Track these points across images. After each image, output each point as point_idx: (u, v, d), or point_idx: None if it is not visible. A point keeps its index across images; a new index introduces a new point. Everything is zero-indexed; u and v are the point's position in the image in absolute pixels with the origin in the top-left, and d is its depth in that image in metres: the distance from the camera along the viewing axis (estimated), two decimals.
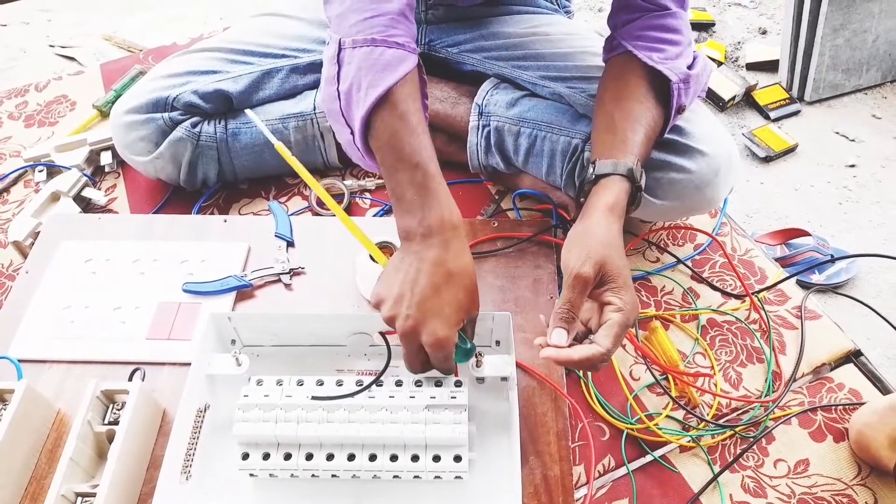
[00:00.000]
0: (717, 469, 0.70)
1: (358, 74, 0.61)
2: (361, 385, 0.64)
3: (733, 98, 1.71)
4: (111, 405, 0.68)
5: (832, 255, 1.28)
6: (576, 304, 0.60)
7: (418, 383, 0.65)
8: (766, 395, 0.75)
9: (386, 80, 0.59)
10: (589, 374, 0.76)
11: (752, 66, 1.84)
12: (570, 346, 0.60)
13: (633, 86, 0.72)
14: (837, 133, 1.64)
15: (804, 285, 1.19)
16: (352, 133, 0.63)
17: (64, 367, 0.75)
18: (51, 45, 1.99)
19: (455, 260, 0.60)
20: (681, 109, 0.74)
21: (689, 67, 0.74)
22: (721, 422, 0.73)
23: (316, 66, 0.96)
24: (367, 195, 0.96)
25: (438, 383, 0.65)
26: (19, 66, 1.92)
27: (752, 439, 0.72)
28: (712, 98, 1.75)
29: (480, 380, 0.69)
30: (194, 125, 0.90)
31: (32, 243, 0.89)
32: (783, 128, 1.64)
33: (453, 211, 0.61)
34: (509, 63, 0.91)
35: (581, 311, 0.61)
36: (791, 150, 1.58)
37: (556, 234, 0.86)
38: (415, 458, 0.62)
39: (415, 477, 0.63)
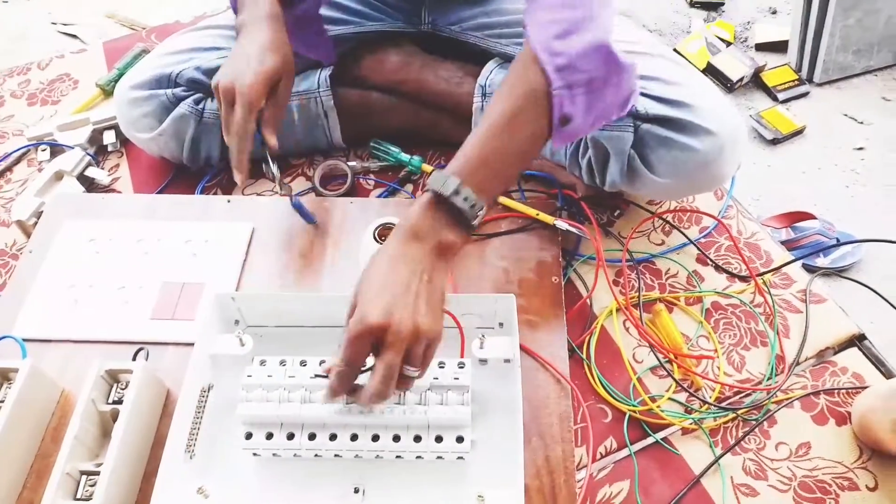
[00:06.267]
0: (718, 451, 0.70)
1: None
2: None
3: (741, 79, 1.70)
4: (115, 384, 0.68)
5: (838, 239, 1.28)
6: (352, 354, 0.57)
7: None
8: (769, 379, 0.75)
9: None
10: (592, 355, 0.76)
11: (761, 47, 1.82)
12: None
13: (511, 69, 0.64)
14: (846, 115, 1.63)
15: (809, 269, 1.19)
16: None
17: (68, 347, 0.76)
18: (53, 23, 1.98)
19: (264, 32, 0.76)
20: (565, 120, 0.62)
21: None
22: (723, 405, 0.73)
23: None
24: (371, 176, 0.96)
25: (441, 364, 0.65)
26: (21, 44, 1.91)
27: (754, 422, 0.72)
28: (720, 79, 1.73)
29: (483, 361, 0.69)
30: (197, 102, 0.89)
31: (36, 223, 0.88)
32: (791, 109, 1.63)
33: (275, 7, 0.78)
34: (511, 41, 0.90)
35: None
36: (799, 132, 1.57)
37: (560, 215, 0.85)
38: (417, 438, 0.62)
39: (417, 457, 0.63)
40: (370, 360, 0.58)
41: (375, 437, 0.62)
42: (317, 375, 0.62)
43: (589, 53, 0.61)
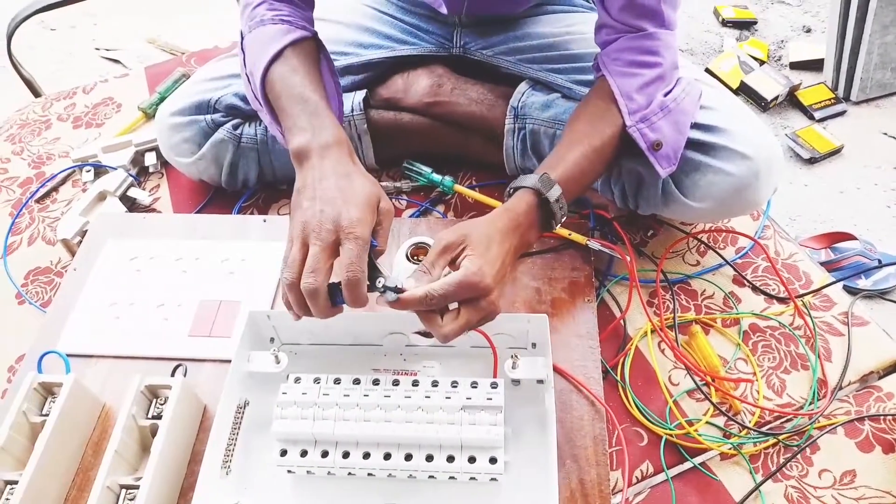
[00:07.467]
0: (759, 478, 0.68)
1: (254, 48, 0.74)
2: (398, 384, 0.64)
3: (776, 98, 1.68)
4: (154, 400, 0.69)
5: (879, 260, 1.25)
6: (433, 264, 0.61)
7: (454, 384, 0.65)
8: (810, 404, 0.73)
9: (276, 45, 0.72)
10: (626, 377, 0.75)
11: (795, 65, 1.80)
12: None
13: (593, 107, 0.74)
14: (885, 134, 1.59)
15: (850, 290, 1.16)
16: (259, 103, 0.74)
17: (110, 362, 0.77)
18: (96, 49, 2.05)
19: (351, 167, 0.65)
20: (657, 145, 0.73)
21: (667, 94, 0.74)
22: (764, 429, 0.71)
23: (354, 69, 0.96)
24: (404, 196, 0.97)
25: (474, 384, 0.64)
26: (67, 69, 1.99)
27: (796, 448, 0.70)
28: (754, 98, 1.71)
29: (516, 382, 0.69)
30: (235, 127, 0.91)
31: (80, 241, 0.91)
32: (828, 128, 1.60)
33: (341, 130, 0.68)
34: (543, 66, 0.91)
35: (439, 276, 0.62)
36: (836, 151, 1.54)
37: (592, 235, 0.85)
38: (450, 458, 0.62)
39: (450, 478, 0.63)
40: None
41: (408, 457, 0.62)
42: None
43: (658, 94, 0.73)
